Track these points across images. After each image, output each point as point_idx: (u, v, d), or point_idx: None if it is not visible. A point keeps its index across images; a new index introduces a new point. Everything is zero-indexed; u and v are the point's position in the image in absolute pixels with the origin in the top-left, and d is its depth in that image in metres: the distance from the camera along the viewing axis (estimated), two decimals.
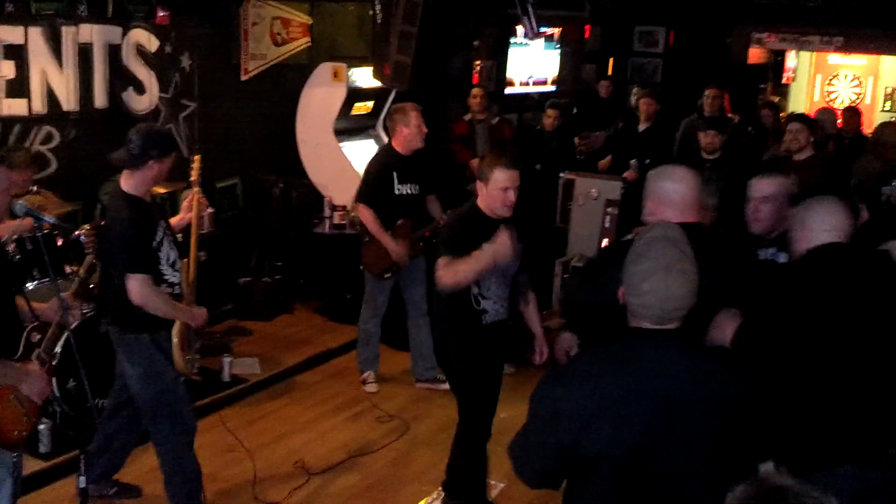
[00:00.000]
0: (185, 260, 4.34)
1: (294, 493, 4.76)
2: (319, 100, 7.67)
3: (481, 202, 4.28)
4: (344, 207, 7.46)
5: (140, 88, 6.68)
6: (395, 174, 5.89)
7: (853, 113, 9.31)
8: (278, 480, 4.86)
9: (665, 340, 2.36)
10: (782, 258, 3.84)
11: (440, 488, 4.76)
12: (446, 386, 6.06)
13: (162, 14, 6.69)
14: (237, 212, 7.48)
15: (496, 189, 4.20)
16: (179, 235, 4.53)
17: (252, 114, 7.55)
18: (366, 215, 5.91)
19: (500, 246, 4.08)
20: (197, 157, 4.64)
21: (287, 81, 7.85)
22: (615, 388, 2.30)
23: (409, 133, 5.88)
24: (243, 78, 7.54)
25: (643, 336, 2.38)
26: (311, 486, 4.84)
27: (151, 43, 6.70)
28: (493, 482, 4.93)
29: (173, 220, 4.49)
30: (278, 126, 7.73)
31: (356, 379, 6.30)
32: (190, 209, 4.47)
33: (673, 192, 3.30)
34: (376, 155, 6.35)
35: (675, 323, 2.37)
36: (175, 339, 4.16)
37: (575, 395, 2.33)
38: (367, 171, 6.12)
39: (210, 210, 6.56)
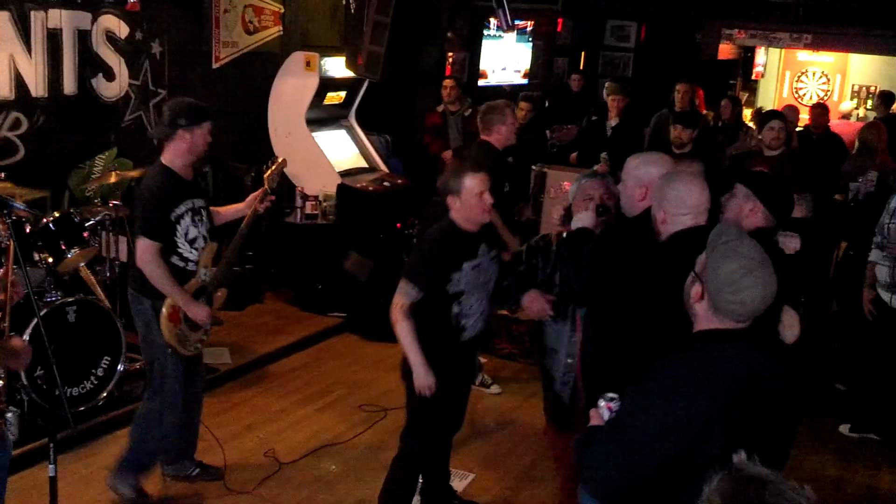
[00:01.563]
0: (214, 244, 4.42)
1: (265, 482, 4.74)
2: (291, 89, 7.63)
3: (457, 216, 4.03)
4: (316, 197, 7.44)
5: (110, 75, 6.61)
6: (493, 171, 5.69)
7: (822, 110, 9.44)
8: (249, 470, 4.84)
9: (746, 339, 2.38)
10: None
11: None
12: (494, 389, 6.06)
13: (132, 0, 6.62)
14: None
15: (471, 196, 3.96)
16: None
17: (223, 102, 7.50)
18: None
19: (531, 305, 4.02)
20: (280, 160, 4.70)
21: (259, 70, 7.81)
22: (720, 391, 2.28)
23: (507, 130, 5.67)
24: (214, 66, 7.48)
25: (723, 337, 2.38)
26: (283, 476, 4.83)
27: (121, 29, 6.63)
28: (463, 471, 4.95)
29: (231, 207, 4.63)
30: (250, 115, 7.68)
31: (328, 368, 6.31)
32: (251, 204, 4.52)
33: (686, 196, 3.24)
34: (477, 152, 5.87)
35: (750, 321, 2.40)
36: (164, 310, 4.21)
37: (685, 407, 2.28)
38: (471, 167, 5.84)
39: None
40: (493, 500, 4.76)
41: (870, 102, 13.48)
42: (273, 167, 4.65)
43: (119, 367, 5.22)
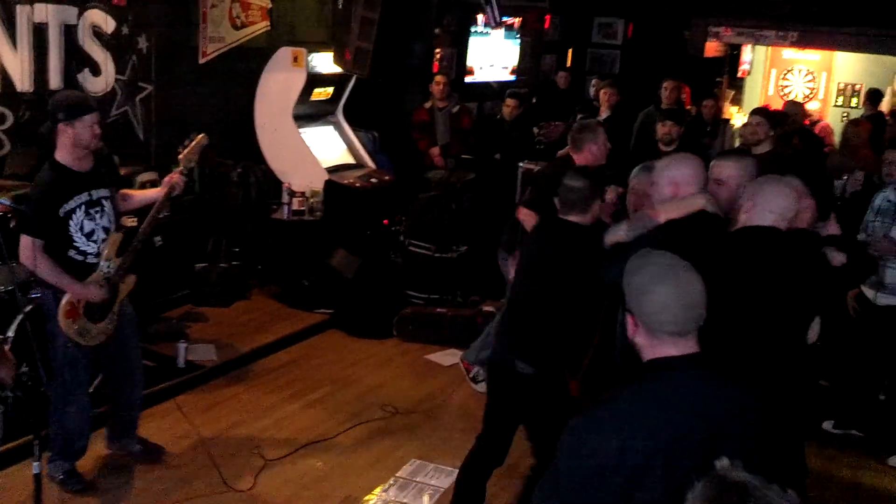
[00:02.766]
0: (119, 234, 4.42)
1: (251, 479, 4.73)
2: (278, 85, 7.61)
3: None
4: (303, 193, 7.43)
5: (96, 70, 6.57)
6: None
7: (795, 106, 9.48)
8: (235, 467, 4.83)
9: (694, 369, 2.17)
10: None
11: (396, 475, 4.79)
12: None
13: None
14: (194, 196, 7.39)
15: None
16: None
17: (210, 97, 7.47)
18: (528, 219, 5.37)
19: None
20: (199, 137, 4.73)
21: (246, 65, 7.78)
22: (663, 426, 2.08)
23: (599, 150, 5.48)
24: (201, 61, 7.45)
25: (667, 366, 2.17)
26: (269, 472, 4.82)
27: (108, 24, 6.59)
28: (450, 468, 4.95)
29: (145, 191, 4.62)
30: (236, 110, 7.66)
31: (314, 365, 6.30)
32: (167, 184, 4.55)
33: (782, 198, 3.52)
34: (553, 168, 5.81)
35: (694, 336, 2.18)
36: (62, 301, 4.25)
37: (622, 437, 2.08)
38: (539, 177, 5.75)
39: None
40: None
41: (854, 100, 13.58)
42: (190, 145, 4.68)
43: None
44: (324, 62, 7.66)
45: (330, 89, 8.05)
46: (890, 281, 5.35)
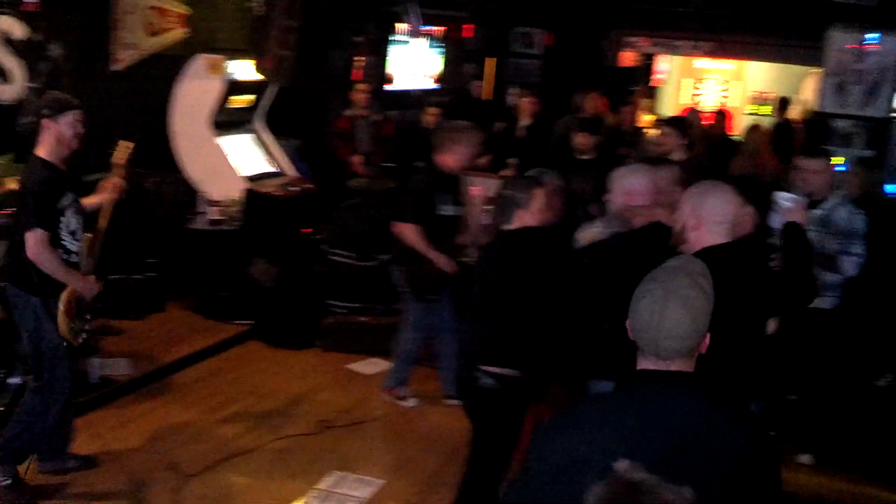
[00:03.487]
0: (90, 234, 4.51)
1: (170, 495, 4.63)
2: (196, 92, 7.49)
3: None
4: (220, 203, 7.32)
5: (7, 77, 6.37)
6: (441, 195, 5.64)
7: (721, 115, 9.75)
8: (151, 484, 4.72)
9: (672, 383, 2.13)
10: None
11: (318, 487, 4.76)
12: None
13: (30, 1, 6.39)
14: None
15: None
16: None
17: (125, 105, 7.30)
18: (411, 234, 5.57)
19: None
20: (125, 144, 4.75)
21: (162, 73, 7.63)
22: (626, 439, 2.04)
23: (460, 156, 5.64)
24: (115, 68, 7.29)
25: (647, 378, 2.15)
26: (187, 489, 4.72)
27: (19, 30, 6.39)
28: (371, 478, 4.95)
29: (87, 199, 4.59)
30: (152, 119, 7.49)
31: (233, 377, 6.21)
32: (106, 191, 4.62)
33: (727, 206, 3.32)
34: (421, 172, 5.94)
35: (680, 360, 2.14)
36: (61, 306, 4.29)
37: (585, 445, 2.06)
38: (413, 188, 5.79)
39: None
40: None
41: (765, 108, 14.01)
42: (121, 149, 4.70)
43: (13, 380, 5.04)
44: (243, 69, 7.57)
45: (249, 97, 7.96)
46: None
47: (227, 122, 7.80)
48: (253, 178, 7.59)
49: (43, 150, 4.29)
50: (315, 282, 7.38)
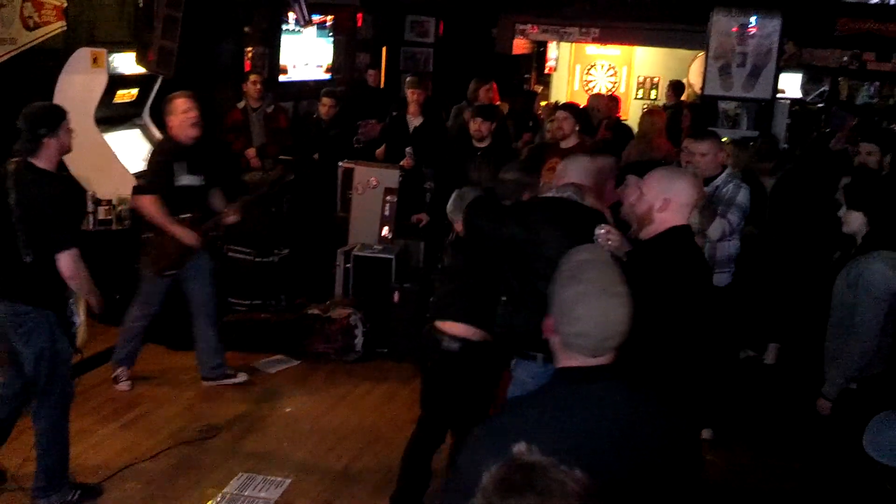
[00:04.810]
0: None
1: None
2: (78, 87, 7.17)
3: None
4: (109, 202, 7.05)
5: None
6: (177, 165, 5.62)
7: (611, 100, 9.91)
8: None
9: (602, 379, 2.11)
10: None
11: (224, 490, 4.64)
12: (238, 379, 5.93)
13: None
14: None
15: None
16: None
17: (2, 103, 6.95)
18: (150, 206, 5.58)
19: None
20: None
21: (41, 68, 7.29)
22: (561, 440, 1.96)
23: (176, 122, 5.65)
24: None
25: (579, 376, 2.11)
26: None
27: None
28: (279, 478, 4.85)
29: None
30: None
31: (132, 384, 5.99)
32: None
33: (694, 191, 3.42)
34: (158, 143, 6.05)
35: (610, 355, 2.13)
36: (82, 316, 4.41)
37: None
38: (150, 160, 5.83)
39: None
40: (313, 503, 4.69)
41: (654, 92, 14.37)
42: None
43: None
44: (127, 63, 7.30)
45: (135, 91, 7.68)
46: None
47: (113, 117, 7.51)
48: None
49: (47, 164, 4.27)
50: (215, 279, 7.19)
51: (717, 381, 5.63)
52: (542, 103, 11.39)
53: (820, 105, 10.36)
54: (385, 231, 7.33)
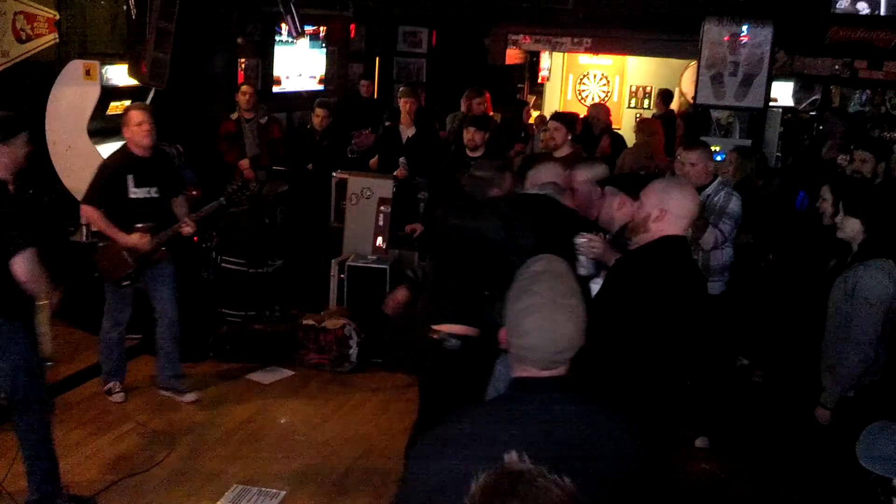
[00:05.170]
0: None
1: None
2: (71, 99, 7.17)
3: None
4: None
5: None
6: (129, 177, 5.62)
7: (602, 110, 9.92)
8: None
9: (554, 390, 2.09)
10: None
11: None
12: (186, 398, 5.90)
13: None
14: None
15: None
16: None
17: None
18: (92, 216, 5.65)
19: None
20: None
21: (34, 80, 7.29)
22: (499, 452, 1.90)
23: (129, 134, 5.67)
24: None
25: (529, 386, 2.10)
26: None
27: None
28: (274, 489, 4.83)
29: None
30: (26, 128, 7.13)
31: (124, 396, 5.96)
32: None
33: (691, 203, 3.44)
34: (110, 155, 6.07)
35: (563, 367, 2.12)
36: (47, 325, 4.37)
37: (461, 461, 1.96)
38: (97, 170, 5.80)
39: None
40: None
41: (646, 101, 14.41)
42: None
43: None
44: (119, 75, 7.29)
45: (128, 102, 7.66)
46: None
47: (106, 129, 7.49)
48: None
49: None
50: (206, 291, 7.18)
51: (711, 389, 5.65)
52: (535, 113, 11.41)
53: (812, 113, 10.38)
54: (379, 241, 7.32)
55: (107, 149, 7.37)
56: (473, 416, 2.15)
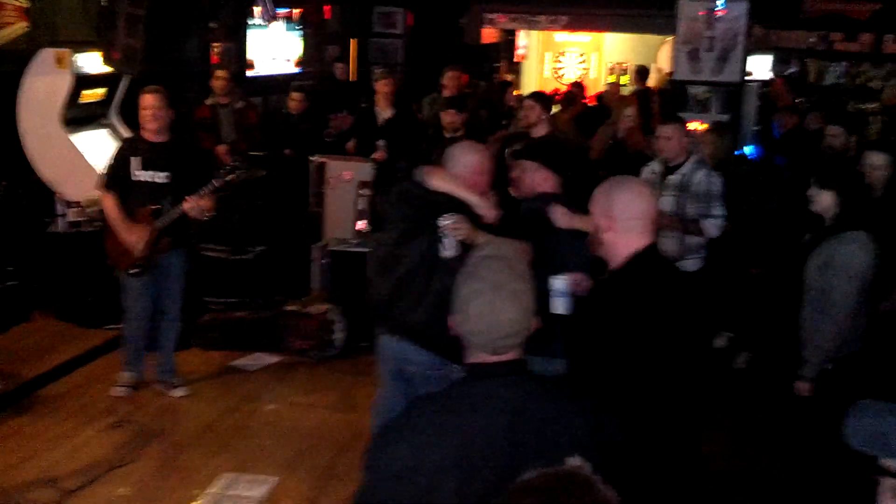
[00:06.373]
0: None
1: None
2: (43, 88, 7.08)
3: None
4: (79, 203, 6.97)
5: None
6: (134, 159, 5.53)
7: (578, 87, 9.95)
8: (33, 502, 4.46)
9: (507, 374, 2.10)
10: None
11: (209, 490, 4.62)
12: (178, 392, 5.86)
13: None
14: None
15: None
16: None
17: None
18: (105, 203, 5.58)
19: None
20: None
21: (4, 70, 7.18)
22: (457, 437, 1.99)
23: (141, 117, 5.59)
24: None
25: (481, 372, 2.11)
26: None
27: None
28: (263, 476, 4.83)
29: None
30: None
31: (108, 385, 5.89)
32: None
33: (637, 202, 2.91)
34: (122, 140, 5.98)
35: (513, 352, 2.11)
36: None
37: (412, 451, 1.99)
38: (111, 157, 5.75)
39: None
40: (297, 502, 4.67)
41: (623, 78, 14.42)
42: None
43: None
44: (92, 62, 7.20)
45: (101, 90, 7.58)
46: (663, 250, 5.57)
47: (80, 117, 7.42)
48: None
49: None
50: (188, 279, 7.14)
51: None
52: (515, 93, 11.39)
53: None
54: (360, 225, 7.30)
55: (80, 138, 7.31)
56: (427, 404, 2.17)
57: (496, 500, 1.53)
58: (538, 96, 7.25)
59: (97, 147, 7.47)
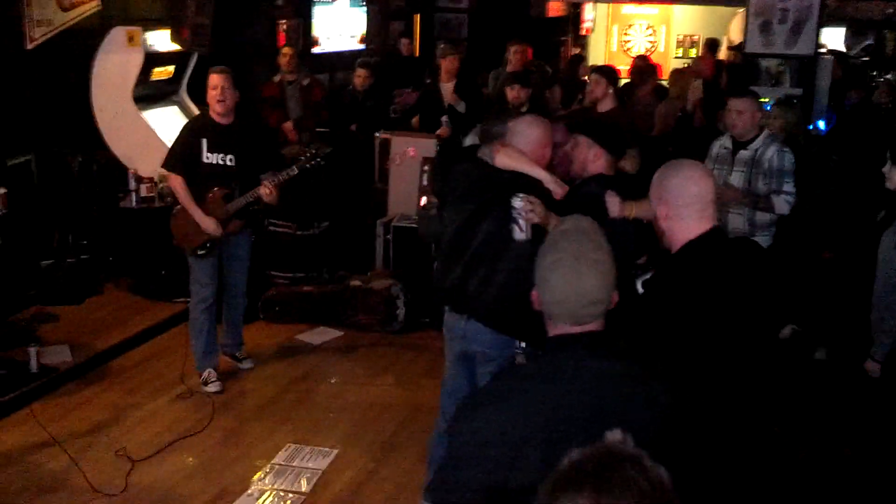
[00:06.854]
0: None
1: (121, 482, 4.53)
2: (115, 66, 7.24)
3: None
4: (151, 179, 7.13)
5: None
6: (203, 140, 5.47)
7: (642, 59, 9.74)
8: (101, 472, 4.61)
9: (591, 345, 2.12)
10: None
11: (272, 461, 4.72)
12: (245, 365, 5.96)
13: None
14: (33, 190, 6.98)
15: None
16: None
17: (42, 84, 7.03)
18: (174, 184, 5.53)
19: None
20: None
21: (78, 48, 7.36)
22: (542, 407, 2.01)
23: (208, 96, 5.52)
24: (29, 47, 6.97)
25: (565, 343, 2.13)
26: (138, 473, 4.62)
27: None
28: (326, 448, 4.91)
29: None
30: (72, 96, 7.24)
31: (177, 357, 6.00)
32: None
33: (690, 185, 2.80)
34: (189, 120, 5.99)
35: (595, 322, 2.13)
36: None
37: (498, 421, 2.01)
38: (178, 134, 5.73)
39: (2, 190, 6.10)
40: (358, 473, 4.73)
41: (693, 51, 14.11)
42: None
43: None
44: (162, 40, 7.35)
45: (171, 68, 7.73)
46: (732, 227, 5.36)
47: (151, 95, 7.58)
48: None
49: None
50: (254, 253, 7.25)
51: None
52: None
53: (864, 59, 10.10)
54: (424, 201, 7.31)
55: (151, 114, 7.47)
56: (512, 374, 2.22)
57: (543, 486, 1.50)
58: (604, 70, 7.15)
59: (168, 124, 7.62)
